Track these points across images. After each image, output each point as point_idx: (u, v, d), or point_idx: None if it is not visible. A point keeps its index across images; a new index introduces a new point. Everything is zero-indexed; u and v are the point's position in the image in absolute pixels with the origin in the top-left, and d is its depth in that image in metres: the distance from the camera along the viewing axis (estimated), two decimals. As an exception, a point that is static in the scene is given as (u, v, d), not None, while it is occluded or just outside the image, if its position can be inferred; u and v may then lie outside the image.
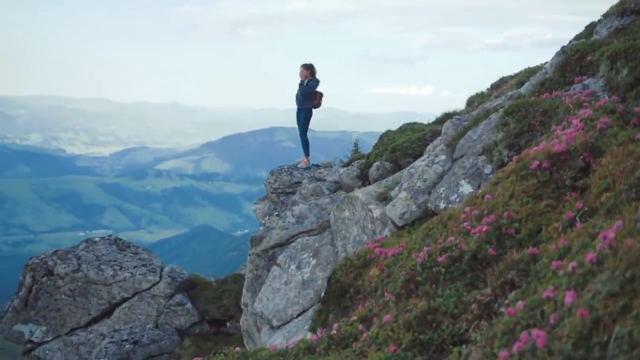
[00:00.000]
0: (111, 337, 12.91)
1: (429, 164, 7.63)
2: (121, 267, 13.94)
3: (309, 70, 14.39)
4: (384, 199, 8.02)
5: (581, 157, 4.92)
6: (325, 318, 6.29)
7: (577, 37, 9.58)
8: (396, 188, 7.76)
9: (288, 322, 8.37)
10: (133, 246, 15.18)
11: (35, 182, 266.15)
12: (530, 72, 9.69)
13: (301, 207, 10.39)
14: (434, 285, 4.51)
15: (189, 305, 13.71)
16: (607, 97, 6.41)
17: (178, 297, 13.74)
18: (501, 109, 7.27)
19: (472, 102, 10.61)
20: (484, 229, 4.67)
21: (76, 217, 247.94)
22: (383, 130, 13.83)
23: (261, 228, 10.52)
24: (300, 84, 14.38)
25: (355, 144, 14.87)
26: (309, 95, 14.27)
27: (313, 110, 14.70)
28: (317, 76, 14.52)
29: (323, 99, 14.64)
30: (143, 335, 12.99)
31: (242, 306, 10.68)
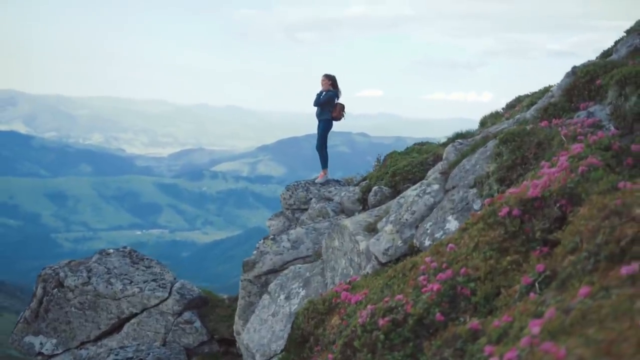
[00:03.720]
0: (116, 355, 12.57)
1: (420, 194, 6.95)
2: (131, 282, 13.62)
3: (330, 80, 13.90)
4: (372, 229, 7.37)
5: (557, 204, 4.20)
6: (285, 368, 5.70)
7: (604, 54, 8.74)
8: (383, 220, 7.10)
9: (271, 358, 7.81)
10: (147, 259, 14.84)
11: (95, 181, 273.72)
12: (546, 91, 8.87)
13: (298, 231, 9.81)
14: (370, 355, 3.89)
15: (197, 324, 13.27)
16: (612, 127, 5.63)
17: (187, 315, 13.33)
18: (502, 135, 6.55)
19: (485, 122, 9.81)
20: (435, 287, 4.01)
21: (134, 215, 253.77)
22: (440, 137, 13.16)
23: (255, 252, 9.99)
24: (318, 94, 13.92)
25: (378, 159, 14.00)
26: (325, 106, 13.76)
27: (334, 122, 14.19)
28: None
29: (344, 111, 14.11)
30: (148, 354, 12.60)
31: (234, 334, 10.18)
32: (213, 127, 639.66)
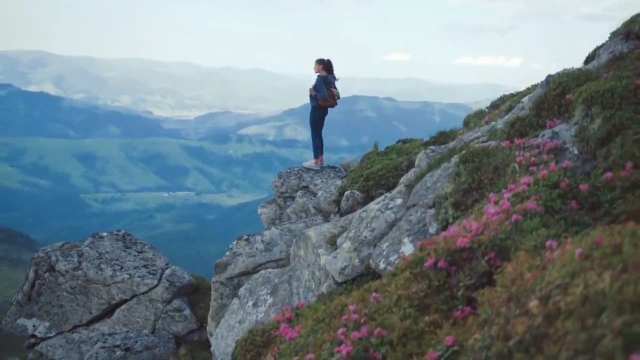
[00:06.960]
0: (103, 342, 12.56)
1: (382, 209, 6.59)
2: (121, 268, 13.52)
3: (322, 65, 13.30)
4: (335, 242, 7.04)
5: (486, 258, 3.83)
6: (222, 399, 5.47)
7: (590, 58, 8.17)
8: (343, 235, 6.76)
9: (233, 368, 7.60)
10: (140, 243, 14.73)
11: (123, 143, 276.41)
12: (528, 93, 8.34)
13: (272, 231, 9.49)
14: None
15: (187, 312, 13.17)
16: (575, 151, 5.21)
17: (176, 302, 13.22)
18: (463, 153, 6.12)
19: (468, 122, 9.33)
20: (345, 351, 3.69)
21: (161, 177, 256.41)
22: (467, 102, 12.68)
23: (227, 253, 9.72)
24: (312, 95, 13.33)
25: (375, 146, 13.34)
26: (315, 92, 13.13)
27: (328, 109, 13.64)
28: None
29: (336, 98, 13.49)
30: (136, 342, 12.56)
31: (208, 335, 10.00)
32: (239, 90, 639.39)
